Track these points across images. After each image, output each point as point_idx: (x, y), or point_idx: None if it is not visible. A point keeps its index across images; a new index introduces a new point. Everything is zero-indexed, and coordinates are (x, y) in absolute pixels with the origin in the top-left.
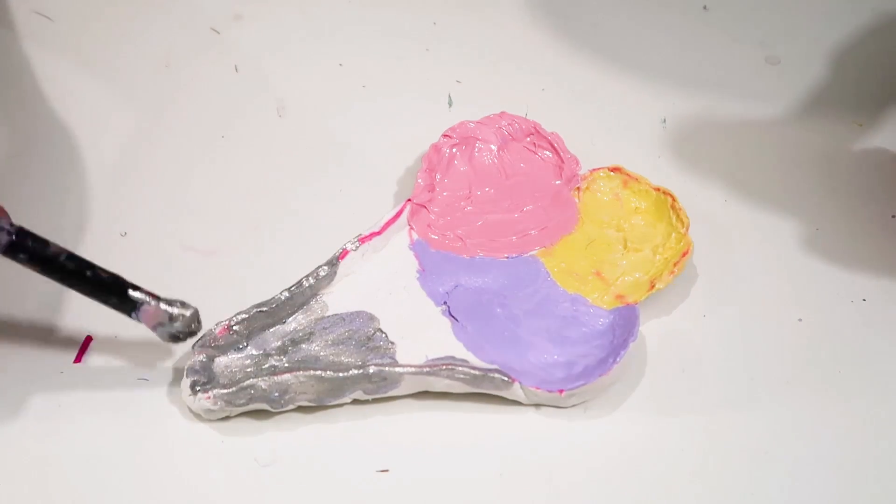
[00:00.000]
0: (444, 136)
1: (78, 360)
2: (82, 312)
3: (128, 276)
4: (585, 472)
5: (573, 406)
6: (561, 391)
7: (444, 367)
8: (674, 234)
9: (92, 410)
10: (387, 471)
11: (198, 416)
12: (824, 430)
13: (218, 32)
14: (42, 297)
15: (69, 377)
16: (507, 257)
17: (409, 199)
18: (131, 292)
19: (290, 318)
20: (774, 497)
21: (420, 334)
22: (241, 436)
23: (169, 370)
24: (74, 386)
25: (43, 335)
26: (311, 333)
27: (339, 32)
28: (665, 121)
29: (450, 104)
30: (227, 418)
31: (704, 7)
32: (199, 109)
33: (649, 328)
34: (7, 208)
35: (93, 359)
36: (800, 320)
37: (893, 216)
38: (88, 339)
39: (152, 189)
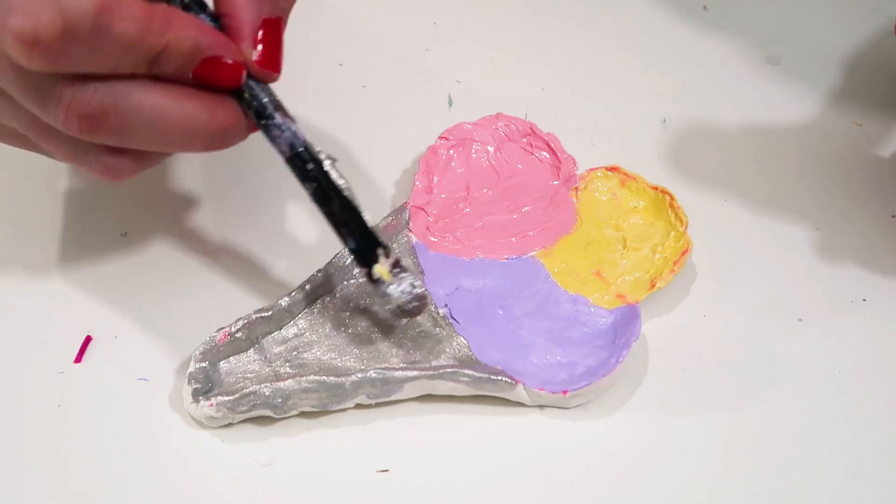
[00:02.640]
0: (441, 137)
1: (78, 360)
2: (82, 312)
3: (127, 276)
4: (588, 471)
5: (576, 406)
6: (565, 392)
7: (447, 370)
8: (673, 233)
9: (92, 410)
10: (386, 471)
11: (200, 423)
12: (824, 430)
13: None
14: (43, 296)
15: (69, 377)
16: (507, 258)
17: (407, 202)
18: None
19: (291, 324)
20: (774, 497)
21: (422, 337)
22: (244, 438)
23: (170, 374)
24: (74, 386)
25: (43, 335)
26: (313, 338)
27: (339, 32)
28: (665, 121)
29: (450, 104)
30: (229, 425)
31: (704, 7)
32: None
33: (650, 327)
34: (8, 207)
35: (93, 359)
36: (800, 320)
37: (893, 216)
38: (88, 339)
39: (152, 189)
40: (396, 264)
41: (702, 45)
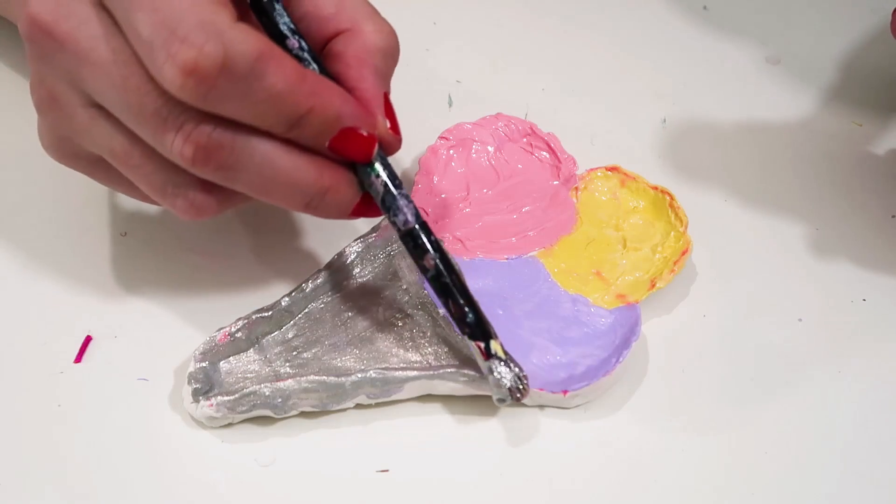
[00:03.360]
0: (441, 137)
1: (78, 360)
2: (82, 312)
3: (128, 276)
4: (588, 471)
5: (576, 406)
6: (565, 392)
7: (447, 370)
8: (673, 233)
9: (92, 410)
10: (386, 471)
11: (200, 423)
12: (824, 430)
13: None
14: (42, 296)
15: (69, 377)
16: (507, 258)
17: None
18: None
19: (291, 324)
20: (774, 497)
21: (422, 337)
22: (244, 438)
23: (170, 374)
24: (74, 386)
25: (43, 335)
26: (313, 338)
27: None
28: (665, 121)
29: (450, 104)
30: (229, 425)
31: (704, 7)
32: None
33: (650, 328)
34: (10, 207)
35: (93, 359)
36: (800, 320)
37: (893, 216)
38: (88, 339)
39: None
40: (502, 346)
41: (702, 45)
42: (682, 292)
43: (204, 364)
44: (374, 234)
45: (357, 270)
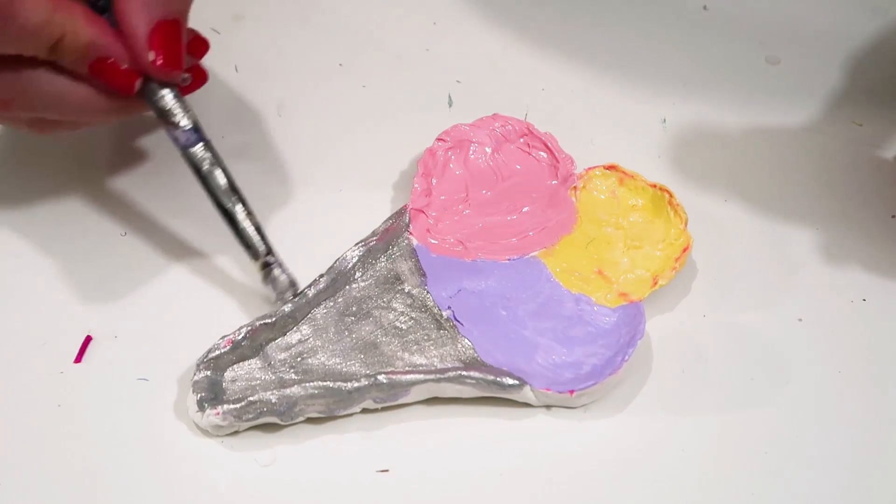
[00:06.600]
0: (439, 139)
1: (78, 360)
2: (82, 312)
3: (127, 276)
4: (597, 471)
5: (582, 406)
6: (571, 392)
7: (453, 373)
8: (673, 230)
9: (92, 411)
10: (386, 470)
11: (205, 431)
12: (824, 430)
13: (218, 32)
14: (42, 296)
15: (69, 377)
16: (509, 259)
17: (407, 205)
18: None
19: (295, 329)
20: (775, 497)
21: (426, 340)
22: (249, 442)
23: (170, 375)
24: (74, 386)
25: (43, 335)
26: (317, 344)
27: (339, 32)
28: (665, 121)
29: (450, 104)
30: (235, 433)
31: (704, 7)
32: (199, 109)
33: (651, 327)
34: (9, 206)
35: (93, 359)
36: (800, 320)
37: (893, 216)
38: (88, 338)
39: (152, 189)
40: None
41: (702, 45)
42: (682, 292)
43: (208, 373)
44: (374, 238)
45: (359, 274)
